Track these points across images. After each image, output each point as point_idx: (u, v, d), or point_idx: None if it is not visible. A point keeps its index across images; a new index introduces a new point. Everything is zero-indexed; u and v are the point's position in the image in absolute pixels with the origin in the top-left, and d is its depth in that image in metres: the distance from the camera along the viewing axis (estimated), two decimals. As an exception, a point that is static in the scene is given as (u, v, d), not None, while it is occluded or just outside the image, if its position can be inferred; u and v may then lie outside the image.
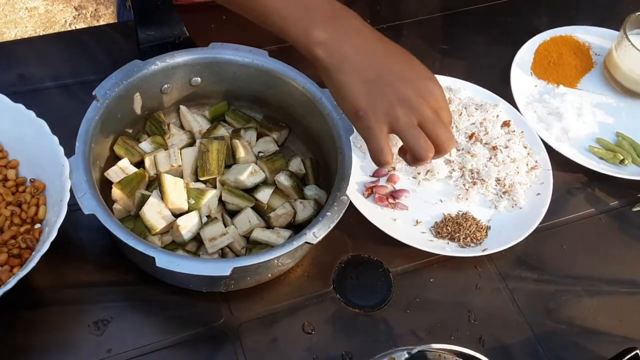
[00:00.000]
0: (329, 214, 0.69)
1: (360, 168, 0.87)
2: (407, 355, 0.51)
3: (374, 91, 0.62)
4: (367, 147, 0.64)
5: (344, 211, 0.70)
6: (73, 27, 2.32)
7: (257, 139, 0.84)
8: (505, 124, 0.91)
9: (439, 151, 0.63)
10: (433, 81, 0.64)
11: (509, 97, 0.95)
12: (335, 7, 0.65)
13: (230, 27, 1.01)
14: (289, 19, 0.63)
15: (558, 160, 0.90)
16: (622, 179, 0.89)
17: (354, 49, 0.63)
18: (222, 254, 0.74)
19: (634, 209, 0.88)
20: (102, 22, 2.34)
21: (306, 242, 0.67)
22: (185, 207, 0.73)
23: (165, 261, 0.63)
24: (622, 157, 0.90)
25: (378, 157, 0.63)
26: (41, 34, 2.30)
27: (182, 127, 0.85)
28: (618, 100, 0.99)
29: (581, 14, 1.12)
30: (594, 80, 1.01)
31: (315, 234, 0.67)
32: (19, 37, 2.30)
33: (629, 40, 0.94)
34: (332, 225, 0.68)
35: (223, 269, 0.63)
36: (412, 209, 0.84)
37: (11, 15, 2.31)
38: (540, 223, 0.83)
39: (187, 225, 0.71)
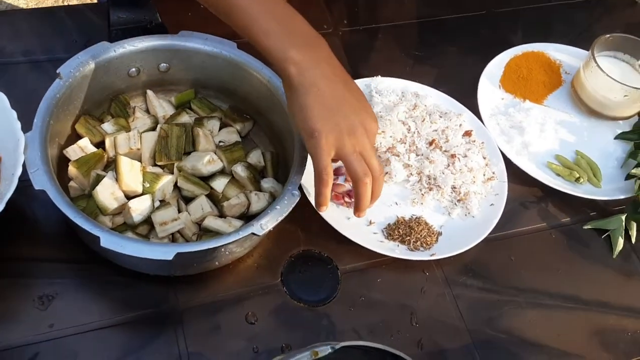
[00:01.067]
0: (278, 207, 0.70)
1: (320, 165, 0.89)
2: (330, 350, 0.52)
3: (331, 118, 0.69)
4: (313, 164, 0.71)
5: (293, 205, 0.71)
6: (65, 2, 2.32)
7: (221, 128, 0.85)
8: (467, 133, 0.92)
9: (374, 177, 0.72)
10: (375, 120, 0.73)
11: (474, 108, 0.97)
12: (313, 34, 0.71)
13: (207, 16, 1.01)
14: (271, 34, 0.68)
15: (515, 173, 0.91)
16: (576, 197, 0.90)
17: (322, 75, 0.69)
18: (173, 239, 0.75)
19: (585, 227, 0.89)
20: None
21: (253, 233, 0.68)
22: (140, 190, 0.74)
23: (110, 242, 0.64)
24: (578, 175, 0.92)
25: (321, 174, 0.70)
26: (32, 6, 2.29)
27: (148, 111, 0.86)
28: (581, 119, 1.01)
29: (556, 32, 1.14)
30: (561, 98, 1.03)
31: (263, 226, 0.68)
32: (8, 9, 2.29)
33: (596, 62, 0.95)
34: (280, 218, 0.70)
35: (166, 253, 0.64)
36: (367, 209, 0.85)
37: (3, -14, 2.30)
38: (491, 233, 0.84)
39: (139, 208, 0.72)
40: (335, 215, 0.84)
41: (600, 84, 0.96)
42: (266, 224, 0.69)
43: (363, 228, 0.84)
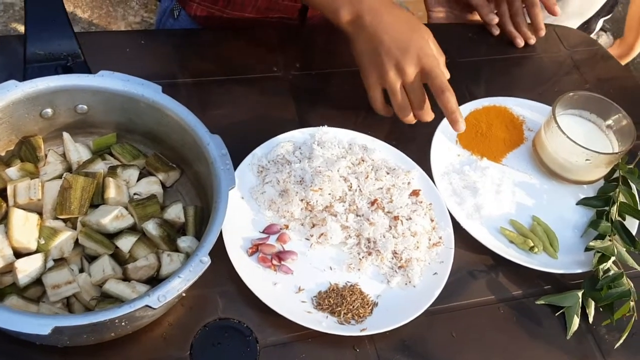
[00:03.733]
0: (181, 276, 0.62)
1: (251, 222, 0.81)
2: None
3: (375, 58, 0.84)
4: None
5: (199, 274, 0.63)
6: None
7: (142, 178, 0.78)
8: (414, 193, 0.85)
9: (414, 108, 0.86)
10: (425, 52, 0.83)
11: (427, 164, 0.90)
12: None
13: (139, 55, 0.95)
14: (322, 4, 0.87)
15: (464, 239, 0.84)
16: (529, 268, 0.83)
17: (368, 23, 0.84)
18: (68, 303, 0.68)
19: (538, 302, 0.82)
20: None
21: (147, 306, 0.60)
22: (33, 247, 0.67)
23: (-24, 310, 0.56)
24: (532, 244, 0.84)
25: (373, 105, 0.89)
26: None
27: (65, 155, 0.79)
28: (542, 181, 0.94)
29: (522, 86, 1.08)
30: (521, 157, 0.96)
31: (160, 298, 0.61)
32: None
33: (556, 122, 0.89)
34: (181, 290, 0.62)
35: (42, 326, 0.56)
36: (297, 274, 0.78)
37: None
38: (432, 305, 0.77)
39: (26, 269, 0.64)
40: (261, 280, 0.76)
41: (561, 146, 0.89)
42: (164, 296, 0.61)
43: (291, 295, 0.76)
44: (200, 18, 1.09)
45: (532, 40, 1.13)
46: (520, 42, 1.13)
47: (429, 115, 0.87)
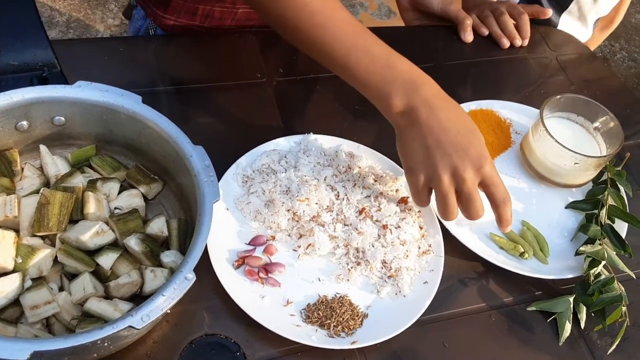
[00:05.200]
0: (165, 294, 0.60)
1: (237, 234, 0.79)
2: None
3: (428, 158, 0.73)
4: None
5: (184, 292, 0.61)
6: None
7: (123, 190, 0.76)
8: (403, 200, 0.84)
9: (468, 216, 0.76)
10: (485, 158, 0.73)
11: (414, 170, 0.88)
12: (414, 76, 0.75)
13: (117, 64, 0.93)
14: (372, 88, 0.76)
15: (454, 246, 0.83)
16: (520, 274, 0.82)
17: (423, 118, 0.73)
18: (48, 324, 0.65)
19: (529, 309, 0.80)
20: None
21: (130, 326, 0.58)
22: (10, 266, 0.64)
23: (-50, 337, 0.53)
24: (522, 250, 0.83)
25: (415, 200, 0.78)
26: None
27: (42, 169, 0.76)
28: (530, 185, 0.93)
29: (508, 88, 1.07)
30: (509, 161, 0.95)
31: (144, 318, 0.59)
32: None
33: (544, 126, 0.88)
34: (166, 308, 0.60)
35: (20, 352, 0.54)
36: (285, 287, 0.76)
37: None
38: (424, 315, 0.75)
39: (3, 290, 0.62)
40: (248, 294, 0.74)
41: (549, 150, 0.88)
42: (148, 315, 0.59)
43: (279, 309, 0.74)
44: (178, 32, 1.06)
45: (518, 41, 1.13)
46: (506, 43, 1.12)
47: (479, 217, 0.76)
